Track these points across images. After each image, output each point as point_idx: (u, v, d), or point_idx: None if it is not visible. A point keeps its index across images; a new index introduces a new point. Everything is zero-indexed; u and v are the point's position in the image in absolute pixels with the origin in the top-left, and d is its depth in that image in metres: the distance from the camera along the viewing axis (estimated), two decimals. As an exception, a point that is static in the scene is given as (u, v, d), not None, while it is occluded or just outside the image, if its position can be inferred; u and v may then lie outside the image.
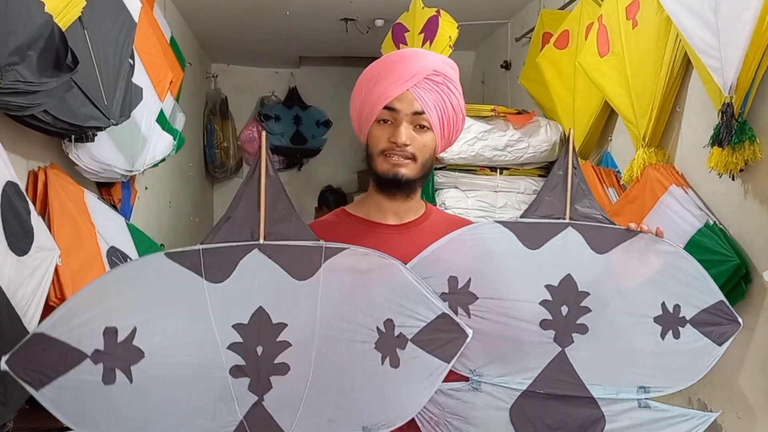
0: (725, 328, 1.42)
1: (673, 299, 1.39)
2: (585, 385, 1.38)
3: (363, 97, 1.44)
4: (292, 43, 5.51)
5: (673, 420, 1.44)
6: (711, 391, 2.45)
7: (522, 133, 3.51)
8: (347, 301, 1.22)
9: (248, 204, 1.16)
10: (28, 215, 1.66)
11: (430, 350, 1.26)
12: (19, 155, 1.99)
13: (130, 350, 1.11)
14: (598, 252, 1.35)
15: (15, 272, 1.56)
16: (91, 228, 2.17)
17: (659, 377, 1.41)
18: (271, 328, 1.18)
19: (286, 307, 1.19)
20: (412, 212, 1.49)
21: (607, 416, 1.39)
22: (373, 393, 1.25)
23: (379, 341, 1.23)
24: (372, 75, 1.44)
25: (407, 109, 1.39)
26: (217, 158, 5.98)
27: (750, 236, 2.21)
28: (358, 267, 1.22)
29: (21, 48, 1.65)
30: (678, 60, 2.47)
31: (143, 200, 3.41)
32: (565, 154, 1.37)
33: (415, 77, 1.39)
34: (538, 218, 1.34)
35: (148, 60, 2.83)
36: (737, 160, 2.09)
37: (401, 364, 1.25)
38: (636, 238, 1.37)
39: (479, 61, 5.38)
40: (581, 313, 1.36)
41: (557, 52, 3.43)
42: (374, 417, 1.26)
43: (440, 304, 1.26)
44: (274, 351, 1.18)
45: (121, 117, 2.32)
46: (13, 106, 1.67)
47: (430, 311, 1.25)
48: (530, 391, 1.36)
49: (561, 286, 1.35)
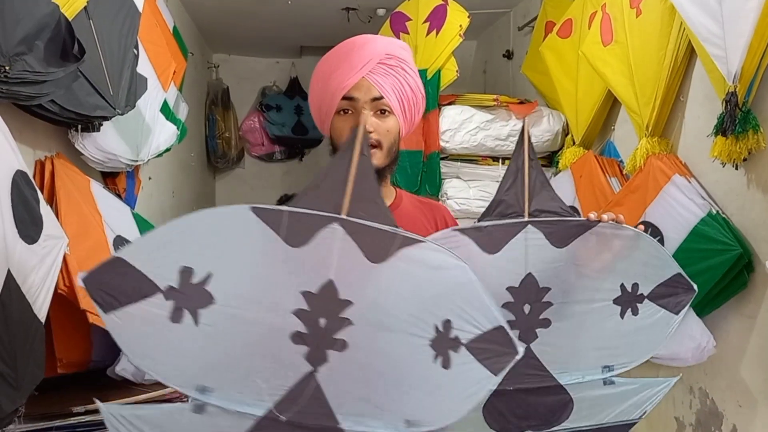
0: (681, 297, 1.46)
1: (632, 279, 1.43)
2: (552, 375, 1.41)
3: (320, 90, 1.44)
4: (293, 33, 5.49)
5: (638, 389, 1.49)
6: (712, 379, 2.47)
7: (524, 123, 3.51)
8: (413, 294, 1.21)
9: (337, 177, 1.16)
10: (37, 204, 1.67)
11: (481, 359, 1.24)
12: (25, 144, 2.00)
13: (202, 293, 1.11)
14: (557, 246, 1.37)
15: (25, 260, 1.58)
16: (97, 217, 2.19)
17: (622, 355, 1.46)
18: (337, 302, 1.17)
19: (355, 285, 1.18)
20: (387, 198, 1.50)
21: (575, 398, 1.43)
22: (421, 389, 1.24)
23: (435, 340, 1.22)
24: (326, 68, 1.44)
25: (365, 96, 1.40)
26: (219, 148, 5.98)
27: (753, 225, 2.22)
28: (430, 262, 1.21)
29: (28, 38, 1.66)
30: (681, 49, 2.47)
31: (146, 190, 3.42)
32: (520, 146, 1.37)
33: (368, 63, 1.39)
34: (497, 220, 1.34)
35: (152, 50, 2.83)
36: (741, 149, 2.09)
37: (452, 366, 1.23)
38: (596, 228, 1.38)
39: (481, 50, 5.37)
40: (543, 309, 1.39)
41: (560, 41, 3.43)
42: (419, 413, 1.25)
43: (499, 316, 1.24)
44: (335, 326, 1.17)
45: (126, 107, 2.33)
46: (21, 95, 1.68)
47: (487, 321, 1.24)
48: (501, 390, 1.36)
49: (522, 286, 1.37)
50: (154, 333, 1.10)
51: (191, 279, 1.10)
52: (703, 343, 2.33)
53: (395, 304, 1.20)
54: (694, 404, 2.57)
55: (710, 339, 2.33)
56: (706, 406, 2.50)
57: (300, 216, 1.13)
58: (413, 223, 1.52)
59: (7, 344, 1.49)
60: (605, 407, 1.46)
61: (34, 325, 1.63)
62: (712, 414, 2.47)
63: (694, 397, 2.58)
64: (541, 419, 1.42)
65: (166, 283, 1.08)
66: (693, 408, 2.58)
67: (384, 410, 1.23)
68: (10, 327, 1.50)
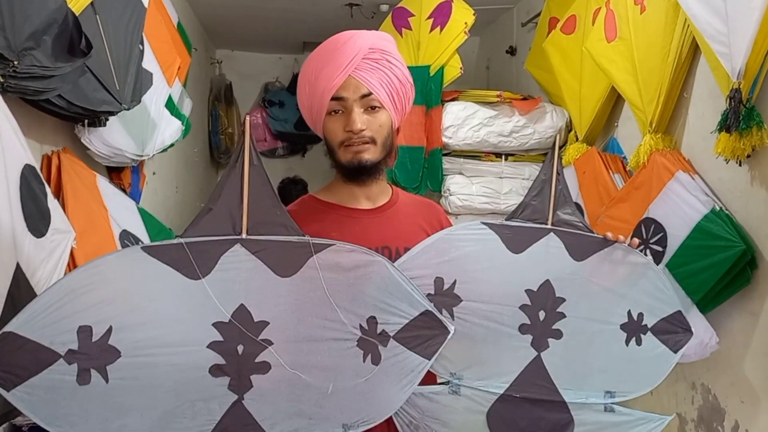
0: (680, 336, 1.48)
1: (638, 308, 1.45)
2: (558, 389, 1.42)
3: (308, 93, 1.43)
4: (296, 29, 5.50)
5: (635, 423, 1.49)
6: (715, 376, 2.48)
7: (527, 119, 3.53)
8: (331, 299, 1.20)
9: (230, 195, 1.11)
10: (45, 198, 1.68)
11: (412, 347, 1.25)
12: (33, 139, 2.01)
13: (106, 350, 1.07)
14: (576, 259, 1.39)
15: (34, 253, 1.58)
16: (103, 211, 2.19)
17: (624, 382, 1.47)
18: (253, 326, 1.15)
19: (268, 304, 1.16)
20: (383, 195, 1.51)
21: (576, 420, 1.44)
22: (354, 391, 1.24)
23: (362, 339, 1.22)
24: (311, 69, 1.42)
25: (354, 95, 1.38)
26: (222, 144, 5.98)
27: (756, 222, 2.23)
28: (344, 264, 1.20)
29: (37, 33, 1.66)
30: (686, 45, 2.47)
31: (150, 185, 3.43)
32: (551, 159, 1.39)
33: (353, 61, 1.38)
34: (523, 222, 1.37)
35: (157, 45, 2.84)
36: (744, 146, 2.10)
37: (382, 361, 1.24)
38: (611, 247, 1.41)
39: (484, 46, 5.37)
40: (557, 319, 1.39)
41: (564, 37, 3.43)
42: (355, 414, 1.25)
43: (423, 301, 1.25)
44: (255, 350, 1.15)
45: (132, 102, 2.34)
46: (29, 90, 1.69)
47: (413, 308, 1.25)
48: (507, 395, 1.38)
49: (540, 291, 1.38)
50: (65, 399, 1.06)
51: (92, 337, 1.06)
52: (706, 339, 2.34)
53: (314, 313, 1.19)
54: (696, 400, 2.58)
55: (713, 335, 2.33)
56: (709, 402, 2.51)
57: (197, 245, 1.09)
58: (410, 220, 1.52)
59: (16, 337, 1.49)
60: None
61: (42, 318, 1.63)
62: (714, 410, 2.48)
63: (697, 393, 2.58)
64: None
65: (66, 347, 1.05)
66: (695, 404, 2.59)
67: (318, 420, 1.22)
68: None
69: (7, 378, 1.02)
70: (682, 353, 1.49)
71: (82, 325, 1.05)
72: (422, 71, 3.58)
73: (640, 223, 2.62)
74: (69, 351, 1.05)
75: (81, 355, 1.05)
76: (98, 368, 1.07)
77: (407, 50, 3.63)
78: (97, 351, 1.06)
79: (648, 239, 2.58)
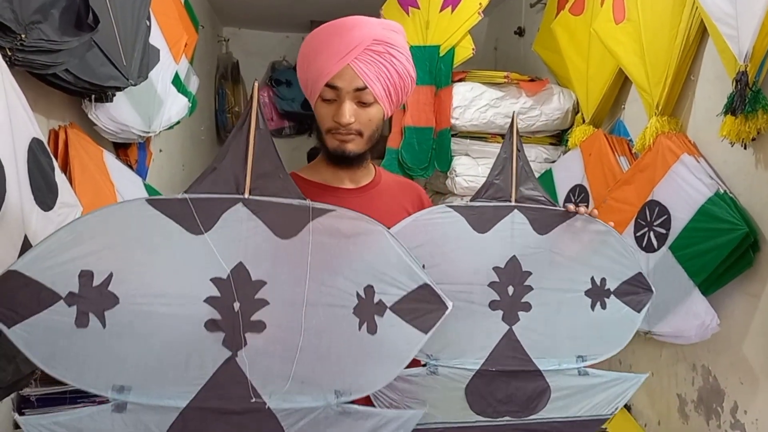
0: (641, 296, 1.53)
1: (601, 273, 1.49)
2: (531, 359, 1.46)
3: (305, 72, 1.41)
4: (303, 7, 5.48)
5: (609, 384, 1.53)
6: (715, 357, 2.49)
7: (535, 101, 3.52)
8: (329, 264, 1.20)
9: (235, 156, 1.13)
10: (52, 171, 1.69)
11: (409, 320, 1.25)
12: (40, 114, 2.02)
13: (105, 295, 1.09)
14: (540, 233, 1.43)
15: (41, 227, 1.60)
16: (110, 186, 2.21)
17: (593, 346, 1.51)
18: (250, 284, 1.16)
19: (266, 264, 1.17)
20: (366, 176, 1.53)
21: (552, 386, 1.48)
22: (348, 358, 1.24)
23: (358, 307, 1.22)
24: (310, 48, 1.39)
25: (348, 86, 1.35)
26: (229, 123, 5.97)
27: (760, 205, 2.23)
28: (344, 230, 1.20)
29: (44, 6, 1.67)
30: (693, 28, 2.46)
31: (157, 162, 3.44)
32: (510, 137, 1.44)
33: (354, 50, 1.34)
34: (487, 201, 1.41)
35: (164, 21, 2.84)
36: (750, 129, 2.10)
37: (378, 331, 1.24)
38: (573, 219, 1.45)
39: (492, 27, 5.34)
40: (525, 292, 1.44)
41: (572, 18, 3.41)
42: (347, 382, 1.25)
43: (422, 274, 1.26)
44: (251, 308, 1.17)
45: (139, 77, 2.35)
46: (37, 64, 1.69)
47: (411, 281, 1.25)
48: (484, 370, 1.42)
49: (507, 267, 1.42)
50: (62, 341, 1.08)
51: (92, 282, 1.08)
52: (707, 321, 2.36)
53: (312, 277, 1.19)
54: (697, 381, 2.60)
55: (714, 317, 2.35)
56: (709, 383, 2.53)
57: (200, 201, 1.11)
58: (392, 200, 1.53)
59: (23, 308, 1.51)
60: (579, 399, 1.51)
61: (49, 290, 1.66)
62: (714, 391, 2.50)
63: (697, 374, 2.60)
64: (520, 406, 1.46)
65: (67, 289, 1.07)
66: (695, 385, 2.61)
67: (310, 384, 1.23)
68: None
69: (8, 315, 1.04)
70: (645, 312, 1.53)
71: (84, 270, 1.08)
72: (431, 51, 3.57)
73: (645, 205, 2.63)
74: (69, 293, 1.07)
75: (81, 298, 1.08)
76: (96, 313, 1.09)
77: (414, 30, 3.61)
78: (96, 296, 1.09)
79: (652, 221, 2.59)
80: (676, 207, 2.47)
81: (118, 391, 1.14)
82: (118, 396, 1.14)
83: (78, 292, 1.08)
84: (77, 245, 1.08)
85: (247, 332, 1.17)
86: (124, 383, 1.14)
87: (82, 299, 1.08)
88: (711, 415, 2.51)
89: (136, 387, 1.15)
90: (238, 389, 1.18)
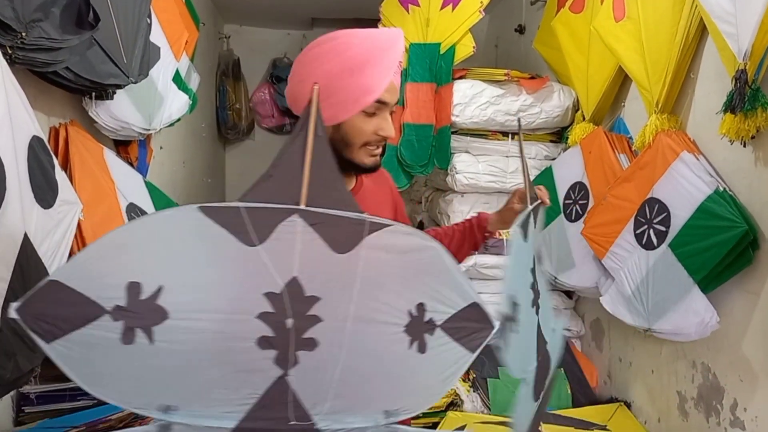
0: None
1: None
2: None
3: (345, 82, 1.32)
4: (304, 4, 5.48)
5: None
6: (714, 354, 2.50)
7: (535, 98, 3.52)
8: (383, 281, 1.13)
9: (291, 165, 1.06)
10: (52, 169, 1.70)
11: (457, 338, 1.19)
12: (40, 111, 2.03)
13: (154, 309, 1.00)
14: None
15: (41, 224, 1.61)
16: (110, 184, 2.22)
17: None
18: (303, 300, 1.08)
19: (320, 279, 1.09)
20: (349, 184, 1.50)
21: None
22: (399, 377, 1.18)
23: (410, 325, 1.15)
24: (358, 60, 1.32)
25: (393, 101, 1.35)
26: (230, 120, 6.00)
27: (760, 203, 2.23)
28: (399, 246, 1.13)
29: (45, 4, 1.68)
30: (693, 26, 2.46)
31: (157, 159, 3.45)
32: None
33: (398, 65, 1.34)
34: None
35: (165, 19, 2.84)
36: (749, 127, 2.10)
37: (428, 350, 1.17)
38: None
39: (493, 24, 5.34)
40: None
41: (573, 16, 3.41)
42: (398, 401, 1.19)
43: (472, 293, 1.19)
44: (303, 325, 1.09)
45: (139, 75, 2.35)
46: (38, 62, 1.70)
47: (461, 299, 1.19)
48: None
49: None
50: (105, 358, 1.00)
51: (140, 295, 1.00)
52: (706, 318, 2.36)
53: (365, 294, 1.12)
54: (697, 378, 2.61)
55: (714, 314, 2.35)
56: (708, 381, 2.53)
57: (255, 211, 1.03)
58: (375, 198, 1.52)
59: (24, 305, 1.52)
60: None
61: (50, 287, 1.66)
62: (713, 388, 2.51)
63: (697, 371, 2.61)
64: None
65: (113, 303, 0.98)
66: (695, 382, 2.62)
67: (360, 404, 1.17)
68: (27, 288, 1.53)
69: (48, 330, 0.96)
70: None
71: (132, 282, 0.99)
72: (431, 49, 3.58)
73: (645, 203, 2.63)
74: (116, 307, 0.98)
75: (128, 312, 0.99)
76: (144, 328, 1.01)
77: (414, 27, 3.62)
78: (145, 310, 1.00)
79: (652, 219, 2.59)
80: (676, 204, 2.48)
81: (163, 411, 1.07)
82: (164, 416, 1.07)
83: (125, 306, 0.99)
84: (123, 255, 0.99)
85: (299, 350, 1.09)
86: (170, 403, 1.07)
87: (129, 314, 0.99)
88: (711, 413, 2.52)
89: (183, 407, 1.08)
90: (288, 409, 1.12)
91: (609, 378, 3.34)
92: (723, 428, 2.44)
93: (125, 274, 0.99)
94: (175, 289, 1.02)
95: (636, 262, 2.66)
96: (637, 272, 2.65)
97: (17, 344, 1.51)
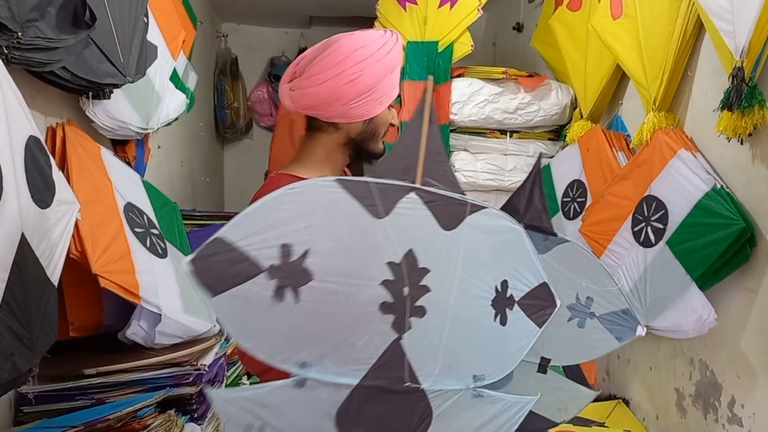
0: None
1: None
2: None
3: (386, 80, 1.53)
4: (302, 3, 5.47)
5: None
6: (712, 351, 2.50)
7: (533, 96, 3.52)
8: (479, 258, 1.28)
9: (409, 147, 1.21)
10: (49, 169, 1.69)
11: (530, 314, 1.35)
12: (37, 111, 2.02)
13: (301, 270, 1.11)
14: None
15: (39, 224, 1.60)
16: (108, 184, 2.21)
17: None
18: (417, 271, 1.21)
19: (430, 253, 1.22)
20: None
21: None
22: (485, 345, 1.32)
23: (496, 299, 1.30)
24: (395, 61, 1.53)
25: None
26: (228, 118, 5.99)
27: (757, 200, 2.23)
28: (492, 227, 1.29)
29: (41, 4, 1.67)
30: (691, 23, 2.46)
31: (155, 158, 3.44)
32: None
33: None
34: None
35: (162, 18, 2.84)
36: (746, 124, 2.10)
37: (508, 323, 1.32)
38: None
39: (491, 22, 5.34)
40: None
41: (570, 14, 3.41)
42: (484, 368, 1.32)
43: (543, 273, 1.35)
44: (416, 293, 1.22)
45: (136, 74, 2.35)
46: (34, 62, 1.70)
47: (534, 278, 1.34)
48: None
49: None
50: (258, 313, 1.09)
51: (290, 256, 1.09)
52: (704, 315, 2.36)
53: (465, 269, 1.26)
54: (694, 376, 2.61)
55: (711, 311, 2.35)
56: (706, 378, 2.54)
57: (381, 187, 1.17)
58: None
59: (22, 305, 1.52)
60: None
61: (47, 287, 1.66)
62: (711, 385, 2.51)
63: (694, 368, 2.61)
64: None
65: (269, 262, 1.07)
66: (693, 379, 2.62)
67: (455, 368, 1.29)
68: (24, 289, 1.53)
69: (215, 283, 1.04)
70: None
71: (285, 243, 1.08)
72: (429, 47, 3.57)
73: (642, 200, 2.63)
74: (271, 266, 1.08)
75: (280, 272, 1.08)
76: (293, 287, 1.10)
77: (411, 25, 3.61)
78: (294, 270, 1.10)
79: (649, 216, 2.59)
80: (674, 202, 2.48)
81: (301, 367, 1.16)
82: (301, 371, 1.16)
83: (279, 266, 1.08)
84: (276, 218, 1.09)
85: (412, 316, 1.22)
86: (306, 359, 1.16)
87: (281, 273, 1.09)
88: (708, 410, 2.52)
89: (317, 363, 1.17)
90: (400, 370, 1.23)
91: (607, 375, 3.34)
92: (721, 425, 2.45)
93: (280, 236, 1.09)
94: (319, 252, 1.12)
95: (634, 260, 2.66)
96: (635, 269, 2.65)
97: (15, 344, 1.51)
